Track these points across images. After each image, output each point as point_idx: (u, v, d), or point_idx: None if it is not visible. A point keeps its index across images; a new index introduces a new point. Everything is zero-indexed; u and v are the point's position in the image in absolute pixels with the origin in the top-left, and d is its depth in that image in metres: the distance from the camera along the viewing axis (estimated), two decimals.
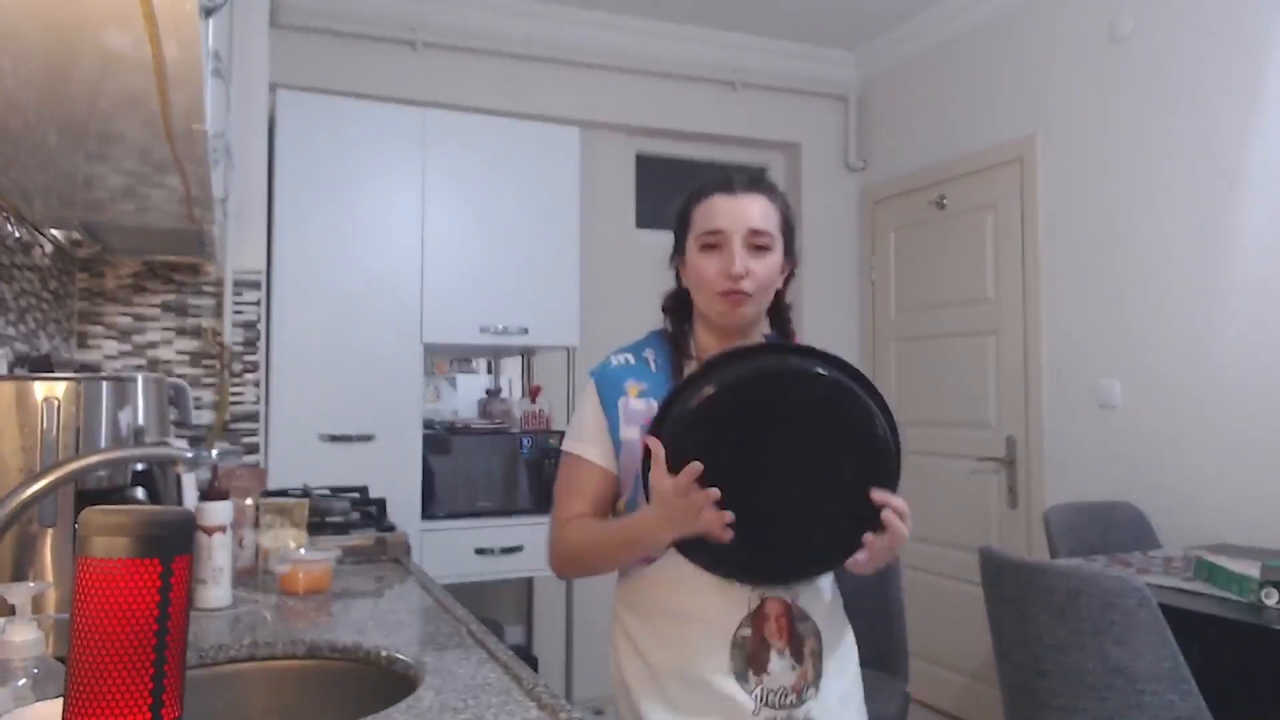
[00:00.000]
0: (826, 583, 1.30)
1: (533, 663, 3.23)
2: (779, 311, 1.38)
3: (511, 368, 3.79)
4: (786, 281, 1.36)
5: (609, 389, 1.30)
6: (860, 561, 1.16)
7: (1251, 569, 1.98)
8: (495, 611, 3.51)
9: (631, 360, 1.33)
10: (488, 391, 3.64)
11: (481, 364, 3.87)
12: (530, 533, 3.04)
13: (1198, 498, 2.74)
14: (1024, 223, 3.36)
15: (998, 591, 1.99)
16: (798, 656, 1.22)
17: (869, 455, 1.17)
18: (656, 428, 1.17)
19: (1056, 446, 3.21)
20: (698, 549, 1.17)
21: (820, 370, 1.18)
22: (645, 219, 3.98)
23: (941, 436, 3.69)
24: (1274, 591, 1.90)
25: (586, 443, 1.30)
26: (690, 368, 1.28)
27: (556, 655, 3.36)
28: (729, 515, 1.11)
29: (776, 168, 4.30)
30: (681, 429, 1.15)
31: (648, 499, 1.17)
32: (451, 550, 2.92)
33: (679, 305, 1.37)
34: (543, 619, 3.57)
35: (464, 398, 3.70)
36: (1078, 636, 1.79)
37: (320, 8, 3.32)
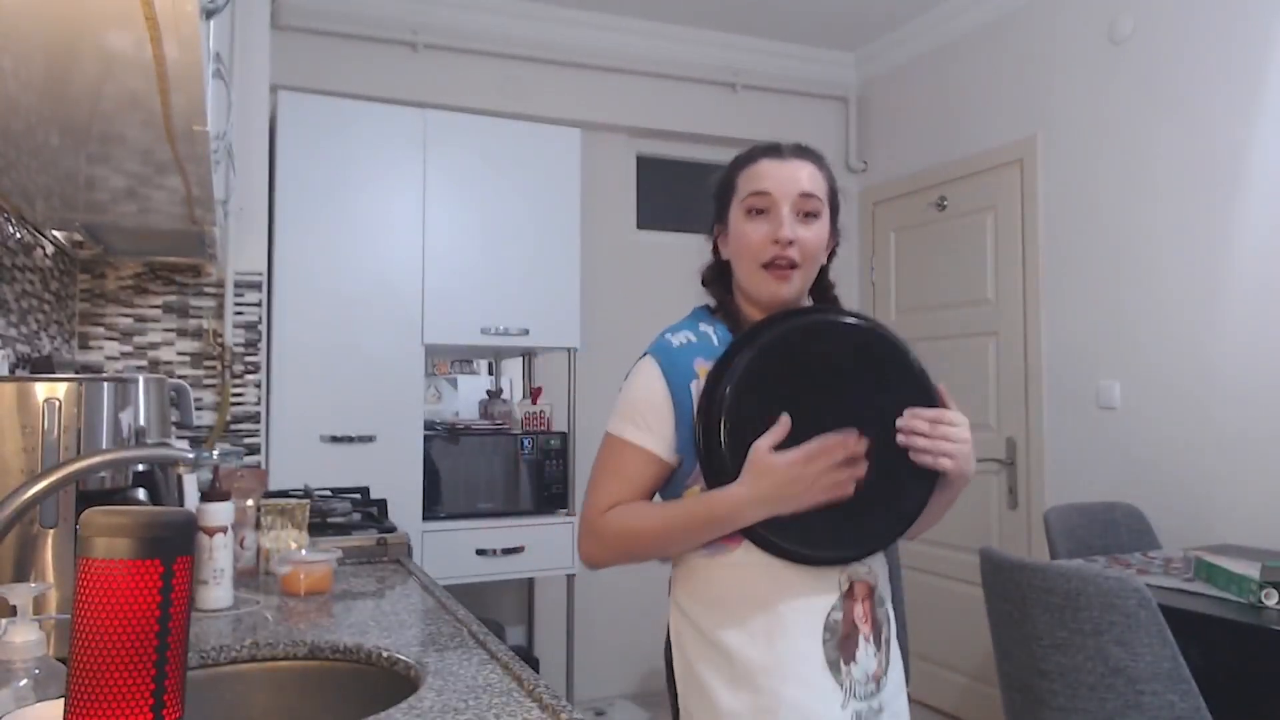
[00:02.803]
0: (887, 569, 1.25)
1: (534, 663, 3.23)
2: (823, 290, 1.30)
3: (512, 369, 3.79)
4: (830, 257, 1.29)
5: (677, 371, 1.18)
6: (949, 472, 1.11)
7: (1251, 569, 1.98)
8: (496, 612, 3.51)
9: (693, 338, 1.21)
10: (489, 392, 3.64)
11: (482, 365, 3.87)
12: (531, 534, 3.04)
13: (1198, 498, 2.74)
14: (1024, 224, 3.37)
15: (998, 592, 1.99)
16: (878, 642, 1.18)
17: (911, 388, 1.16)
18: (707, 403, 1.13)
19: (1056, 447, 3.21)
20: (775, 533, 1.11)
21: (846, 319, 1.18)
22: (646, 220, 3.98)
23: None
24: (1274, 592, 1.90)
25: (643, 429, 1.18)
26: None
27: (557, 656, 3.36)
28: (859, 471, 1.08)
29: None
30: (735, 399, 1.11)
31: (708, 478, 1.12)
32: (452, 551, 2.92)
33: (718, 277, 1.29)
34: (544, 620, 3.58)
35: (465, 399, 3.70)
36: (1078, 637, 1.79)
37: (321, 9, 3.33)
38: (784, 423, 1.09)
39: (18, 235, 1.71)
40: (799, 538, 1.12)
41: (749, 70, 3.99)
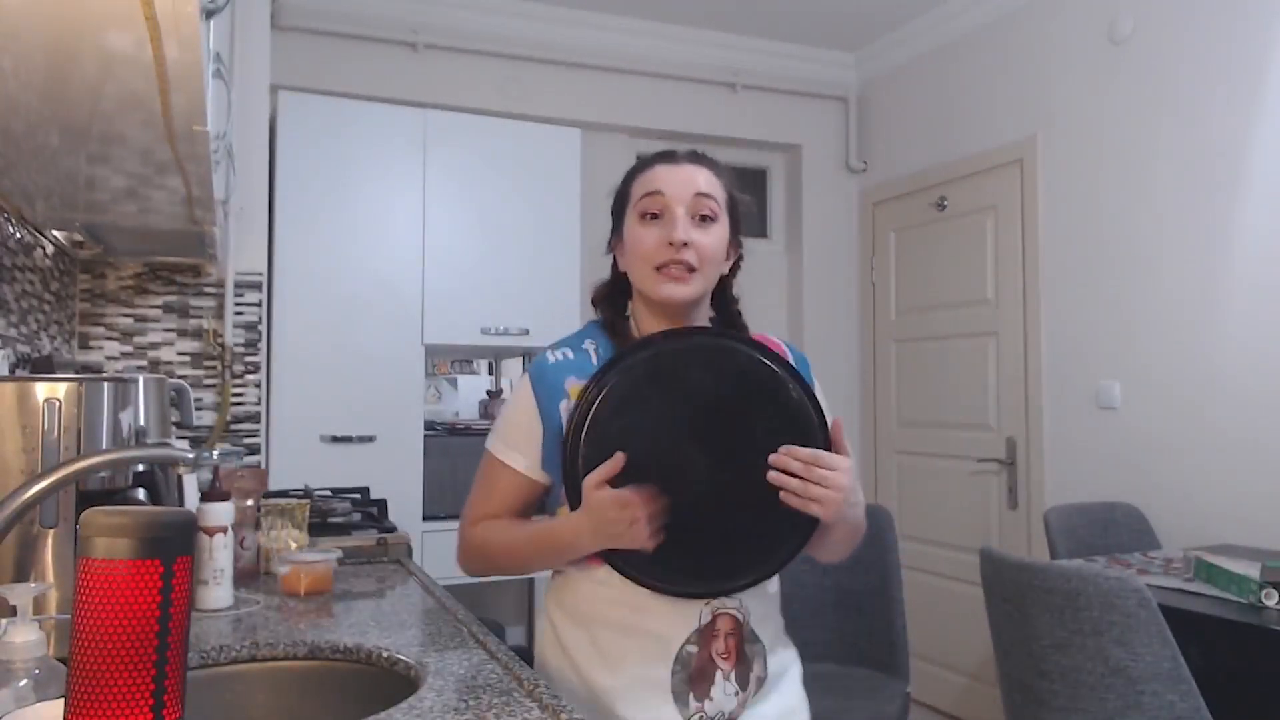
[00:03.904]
0: (774, 604, 1.22)
1: (533, 663, 3.22)
2: (725, 303, 1.25)
3: (513, 369, 3.79)
4: (733, 270, 1.24)
5: (547, 390, 1.16)
6: (822, 526, 1.05)
7: (1251, 569, 1.98)
8: (496, 612, 3.51)
9: (570, 355, 1.19)
10: (489, 392, 3.64)
11: (483, 365, 3.87)
12: None
13: (1198, 498, 2.74)
14: (1024, 224, 3.37)
15: (998, 592, 1.99)
16: (743, 682, 1.13)
17: (787, 422, 1.08)
18: (571, 424, 1.10)
19: (1056, 448, 3.21)
20: (630, 561, 1.08)
21: (724, 342, 1.12)
22: None
23: (942, 438, 3.69)
24: (1274, 592, 1.90)
25: (512, 448, 1.18)
26: None
27: None
28: (652, 530, 1.02)
29: (777, 169, 4.30)
30: (595, 423, 1.07)
31: (570, 503, 1.10)
32: (453, 551, 2.90)
33: (612, 293, 1.24)
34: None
35: (465, 399, 3.70)
36: (1078, 637, 1.79)
37: (321, 9, 3.33)
38: (616, 460, 1.04)
39: (18, 235, 1.71)
40: (653, 568, 1.08)
41: (749, 70, 3.99)
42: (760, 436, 1.06)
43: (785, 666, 1.22)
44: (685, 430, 1.08)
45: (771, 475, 1.03)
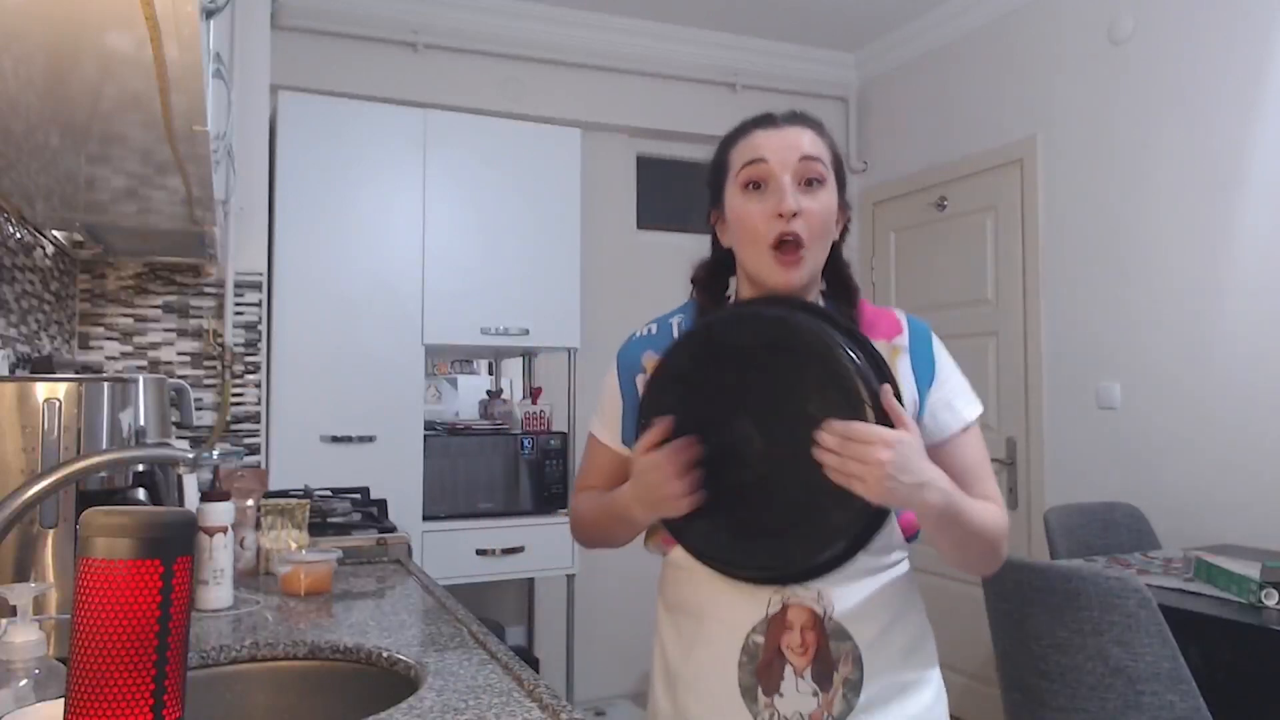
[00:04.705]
0: (887, 605, 1.09)
1: (534, 663, 3.23)
2: (837, 270, 1.16)
3: (513, 369, 3.79)
4: (843, 234, 1.16)
5: (627, 366, 1.18)
6: (864, 496, 0.94)
7: (1251, 569, 1.98)
8: (496, 612, 3.51)
9: (654, 330, 1.18)
10: (489, 393, 3.64)
11: (483, 365, 3.87)
12: (531, 534, 3.04)
13: (1198, 498, 2.74)
14: (1024, 224, 3.37)
15: (998, 592, 1.99)
16: (823, 682, 1.03)
17: (836, 393, 0.98)
18: (644, 397, 1.09)
19: (1056, 448, 3.21)
20: (694, 538, 1.06)
21: (771, 312, 1.05)
22: (646, 220, 3.98)
23: None
24: (1274, 592, 1.90)
25: (601, 423, 1.22)
26: None
27: (557, 656, 3.36)
28: (684, 490, 0.98)
29: None
30: (654, 393, 1.06)
31: None
32: (452, 551, 2.92)
33: (714, 274, 1.17)
34: (544, 620, 3.57)
35: (465, 399, 3.70)
36: (1078, 636, 1.79)
37: (321, 9, 3.33)
38: (663, 425, 1.01)
39: (18, 235, 1.71)
40: (719, 550, 1.05)
41: (749, 70, 3.99)
42: (812, 412, 0.98)
43: (904, 688, 1.09)
44: (739, 406, 1.03)
45: (815, 451, 0.95)
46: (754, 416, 1.02)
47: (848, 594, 1.06)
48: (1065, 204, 3.21)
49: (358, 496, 2.64)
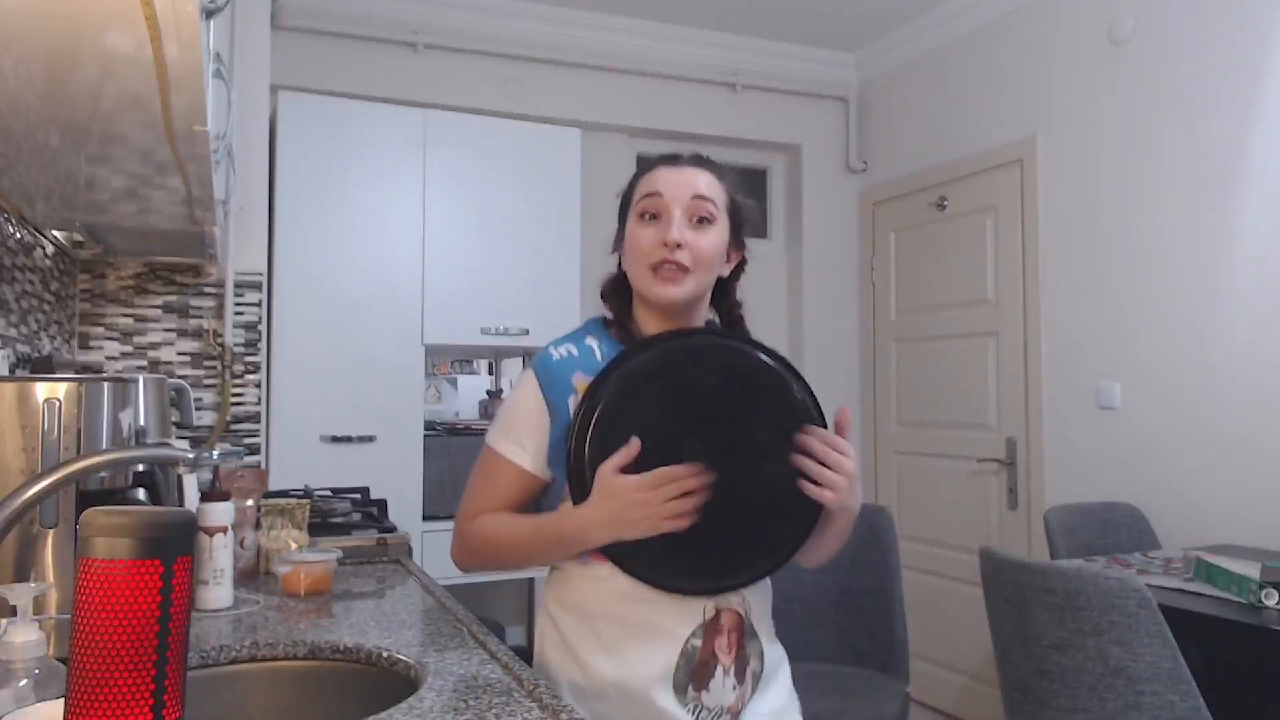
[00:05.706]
0: (768, 605, 1.23)
1: (533, 659, 3.22)
2: (727, 304, 1.27)
3: (513, 369, 3.79)
4: (735, 273, 1.26)
5: (555, 386, 1.16)
6: (828, 505, 1.07)
7: (1251, 569, 1.98)
8: (496, 612, 3.51)
9: (574, 352, 1.19)
10: (489, 393, 3.64)
11: (483, 365, 3.87)
12: None
13: (1198, 498, 2.74)
14: (1024, 224, 3.37)
15: (998, 592, 1.99)
16: (740, 676, 1.15)
17: (790, 421, 1.09)
18: (578, 420, 1.10)
19: (1056, 447, 3.21)
20: (633, 558, 1.09)
21: (729, 343, 1.15)
22: None
23: (941, 438, 3.69)
24: (1274, 592, 1.90)
25: (516, 444, 1.18)
26: None
27: None
28: (692, 503, 1.04)
29: (777, 169, 4.30)
30: (603, 419, 1.09)
31: (575, 498, 1.10)
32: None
33: (617, 289, 1.25)
34: None
35: (465, 399, 3.70)
36: (1078, 637, 1.79)
37: (321, 9, 3.33)
38: (633, 445, 1.06)
39: (18, 235, 1.71)
40: (655, 566, 1.10)
41: (749, 70, 3.99)
42: (763, 435, 1.09)
43: (777, 664, 1.24)
44: (689, 428, 1.09)
45: (794, 456, 1.07)
46: (703, 438, 1.08)
47: (758, 597, 1.20)
48: (1065, 204, 3.22)
49: (358, 496, 2.65)
